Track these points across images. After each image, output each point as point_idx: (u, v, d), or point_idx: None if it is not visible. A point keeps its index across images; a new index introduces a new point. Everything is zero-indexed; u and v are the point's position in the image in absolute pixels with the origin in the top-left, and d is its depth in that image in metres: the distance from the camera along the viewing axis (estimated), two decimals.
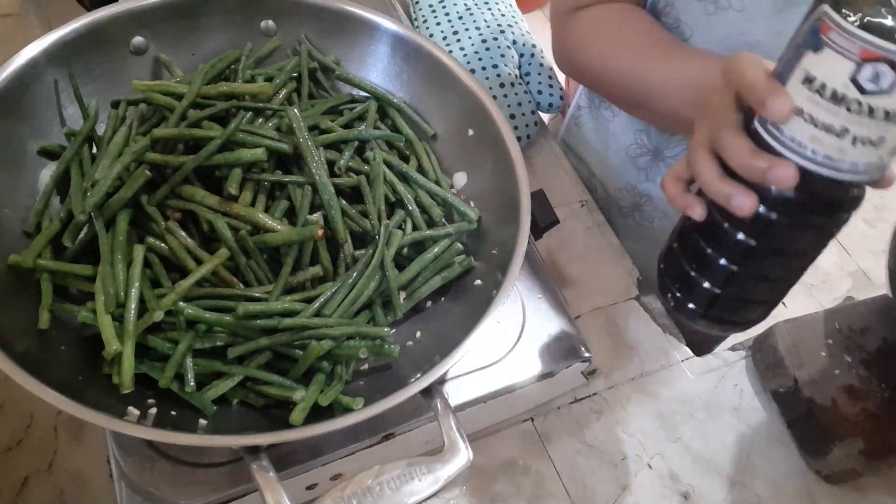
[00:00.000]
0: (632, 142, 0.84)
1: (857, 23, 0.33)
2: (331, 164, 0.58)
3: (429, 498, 0.45)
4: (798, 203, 0.39)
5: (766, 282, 0.45)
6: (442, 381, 0.50)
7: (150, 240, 0.51)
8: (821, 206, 0.40)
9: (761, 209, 0.40)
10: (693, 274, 0.46)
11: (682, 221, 0.48)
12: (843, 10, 0.34)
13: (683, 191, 0.46)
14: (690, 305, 0.48)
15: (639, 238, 0.89)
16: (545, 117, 1.01)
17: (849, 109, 0.35)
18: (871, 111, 0.35)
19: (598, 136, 0.90)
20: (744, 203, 0.40)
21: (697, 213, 0.44)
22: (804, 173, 0.38)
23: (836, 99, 0.35)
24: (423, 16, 0.93)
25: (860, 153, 0.36)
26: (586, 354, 0.61)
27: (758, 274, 0.44)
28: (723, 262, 0.44)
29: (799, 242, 0.42)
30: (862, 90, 0.34)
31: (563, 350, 0.60)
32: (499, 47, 0.87)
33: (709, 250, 0.45)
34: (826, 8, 0.34)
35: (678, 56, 0.61)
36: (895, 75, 0.33)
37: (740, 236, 0.42)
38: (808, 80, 0.36)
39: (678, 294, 0.48)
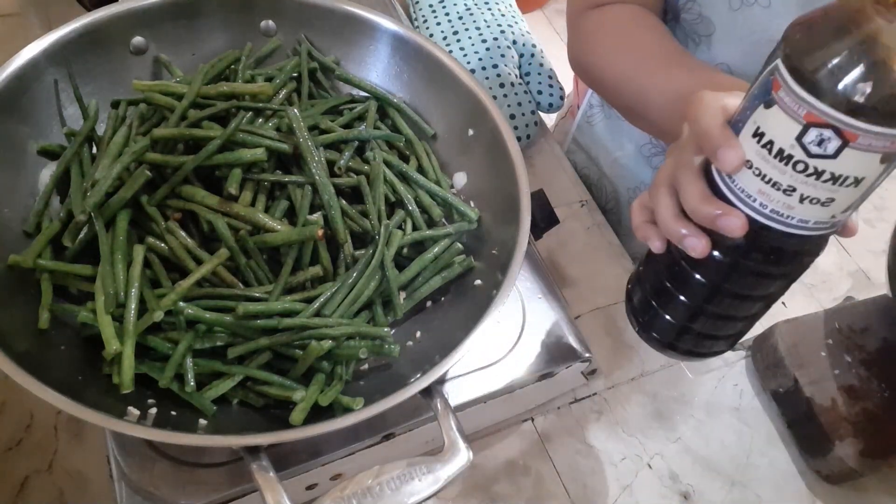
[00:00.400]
0: (646, 141, 0.84)
1: (805, 86, 0.32)
2: (331, 164, 0.58)
3: (429, 498, 0.45)
4: (750, 250, 0.39)
5: (726, 319, 0.45)
6: (442, 381, 0.50)
7: (150, 240, 0.51)
8: (774, 254, 0.39)
9: (715, 253, 0.40)
10: (655, 305, 0.46)
11: (648, 251, 0.47)
12: (793, 71, 0.33)
13: (647, 220, 0.45)
14: (653, 334, 0.48)
15: None
16: (551, 117, 1.01)
17: (795, 169, 0.34)
18: (817, 173, 0.34)
19: (612, 135, 0.90)
20: (695, 245, 0.39)
21: (656, 246, 0.44)
22: (754, 224, 0.37)
23: (783, 157, 0.34)
24: (423, 16, 0.93)
25: (809, 211, 0.35)
26: (586, 354, 0.61)
27: (716, 312, 0.44)
28: (681, 297, 0.44)
29: (756, 286, 0.42)
30: (808, 153, 0.33)
31: (563, 350, 0.60)
32: (499, 47, 0.87)
33: (669, 285, 0.45)
34: (779, 63, 0.33)
35: (678, 68, 0.60)
36: (841, 142, 0.32)
37: (697, 276, 0.42)
38: (758, 135, 0.35)
39: (642, 320, 0.48)
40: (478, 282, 0.56)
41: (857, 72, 0.31)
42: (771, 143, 0.35)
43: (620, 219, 0.91)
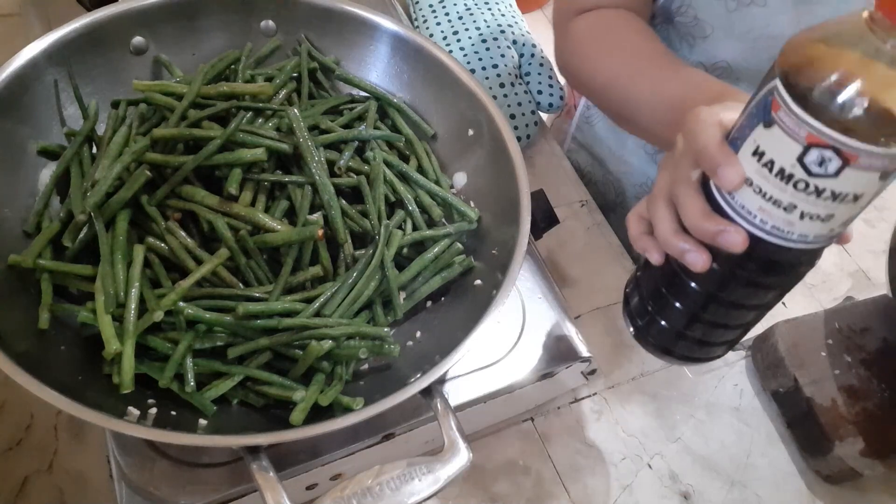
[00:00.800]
0: None
1: (805, 108, 0.32)
2: (331, 164, 0.58)
3: (429, 498, 0.45)
4: (749, 263, 0.39)
5: (722, 327, 0.45)
6: (442, 381, 0.50)
7: (150, 240, 0.51)
8: (772, 267, 0.39)
9: (714, 266, 0.40)
10: (651, 310, 0.47)
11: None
12: (793, 92, 0.33)
13: (645, 231, 0.45)
14: (650, 338, 0.48)
15: None
16: (546, 117, 1.01)
17: (796, 188, 0.34)
18: (818, 192, 0.34)
19: (613, 133, 0.89)
20: (696, 260, 0.40)
21: (654, 258, 0.44)
22: (754, 238, 0.37)
23: (784, 177, 0.34)
24: (423, 16, 0.93)
25: (809, 226, 0.36)
26: (586, 354, 0.61)
27: (713, 320, 0.44)
28: (678, 305, 0.44)
29: (753, 296, 0.42)
30: (809, 172, 0.34)
31: (563, 350, 0.60)
32: (499, 47, 0.87)
33: (665, 292, 0.45)
34: (777, 84, 0.34)
35: (666, 73, 0.60)
36: (842, 162, 0.32)
37: (693, 285, 0.42)
38: (758, 154, 0.35)
39: (639, 324, 0.48)
40: (478, 282, 0.56)
41: (856, 93, 0.31)
42: (771, 162, 0.35)
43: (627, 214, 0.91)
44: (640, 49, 0.65)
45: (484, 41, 0.87)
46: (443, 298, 0.58)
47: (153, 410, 0.46)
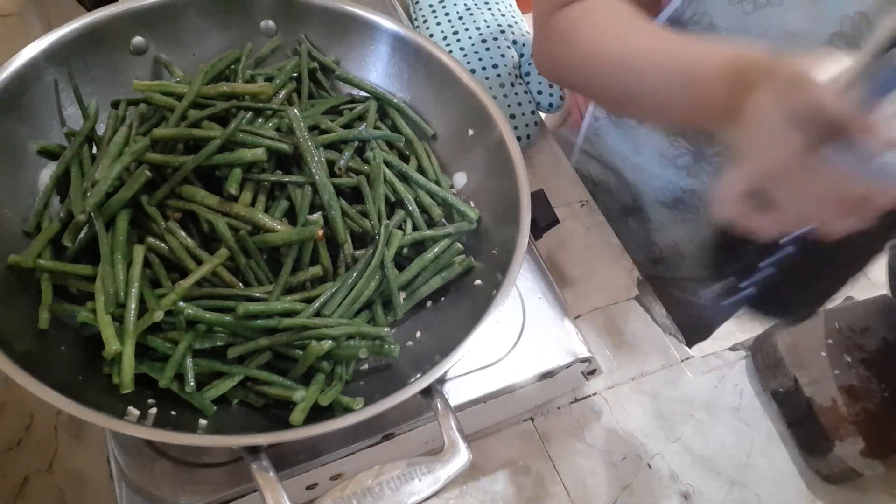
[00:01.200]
0: (667, 144, 0.82)
1: None
2: (331, 164, 0.58)
3: (429, 498, 0.45)
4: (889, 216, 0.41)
5: (819, 280, 0.47)
6: (442, 381, 0.50)
7: (150, 240, 0.51)
8: None
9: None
10: (752, 260, 0.48)
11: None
12: None
13: (754, 209, 0.46)
14: (742, 286, 0.49)
15: (684, 223, 0.87)
16: (551, 117, 1.01)
17: None
18: None
19: (627, 142, 0.88)
20: (858, 221, 0.42)
21: (775, 233, 0.45)
22: None
23: None
24: (423, 16, 0.93)
25: None
26: (586, 354, 0.61)
27: (815, 273, 0.46)
28: (785, 253, 0.46)
29: (864, 250, 0.45)
30: None
31: (563, 350, 0.60)
32: (499, 47, 0.87)
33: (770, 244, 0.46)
34: None
35: (672, 42, 0.59)
36: None
37: (798, 244, 0.45)
38: None
39: (733, 276, 0.49)
40: (478, 282, 0.56)
41: None
42: None
43: (648, 216, 0.90)
44: (639, 27, 0.63)
45: (484, 41, 0.87)
46: (443, 298, 0.58)
47: (153, 410, 0.46)
